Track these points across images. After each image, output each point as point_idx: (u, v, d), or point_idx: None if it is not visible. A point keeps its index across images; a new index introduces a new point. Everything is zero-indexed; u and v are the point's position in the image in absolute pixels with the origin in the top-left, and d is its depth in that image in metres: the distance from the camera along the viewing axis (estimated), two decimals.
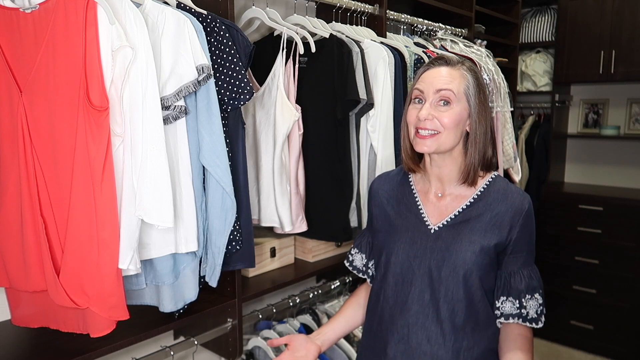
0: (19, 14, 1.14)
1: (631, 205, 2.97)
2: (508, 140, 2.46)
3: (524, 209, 1.14)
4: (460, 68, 1.14)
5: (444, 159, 1.16)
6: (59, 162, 1.15)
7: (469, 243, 1.12)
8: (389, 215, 1.24)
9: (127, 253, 1.13)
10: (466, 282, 1.11)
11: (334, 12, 1.89)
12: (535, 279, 1.15)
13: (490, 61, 2.40)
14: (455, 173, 1.17)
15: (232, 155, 1.37)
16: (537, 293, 1.14)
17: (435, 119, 1.10)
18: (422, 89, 1.13)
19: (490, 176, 1.20)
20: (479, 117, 1.12)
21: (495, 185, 1.18)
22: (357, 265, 1.35)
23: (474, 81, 1.13)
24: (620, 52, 3.06)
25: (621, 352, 3.03)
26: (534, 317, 1.13)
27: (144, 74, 1.11)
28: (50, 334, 1.28)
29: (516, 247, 1.13)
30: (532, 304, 1.13)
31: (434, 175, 1.20)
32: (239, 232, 1.40)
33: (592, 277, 3.12)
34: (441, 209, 1.18)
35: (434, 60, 1.16)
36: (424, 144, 1.12)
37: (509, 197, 1.15)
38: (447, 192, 1.19)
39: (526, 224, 1.14)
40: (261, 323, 1.82)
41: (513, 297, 1.13)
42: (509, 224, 1.13)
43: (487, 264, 1.12)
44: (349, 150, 1.73)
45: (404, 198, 1.24)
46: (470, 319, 1.12)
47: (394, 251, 1.18)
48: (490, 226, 1.13)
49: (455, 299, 1.11)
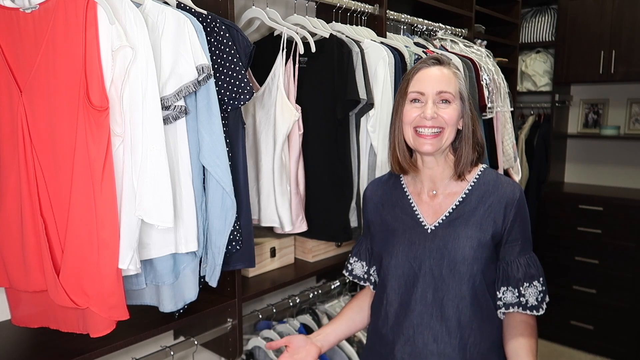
0: (19, 14, 1.14)
1: (631, 205, 2.97)
2: (508, 140, 2.46)
3: (516, 198, 1.16)
4: (451, 67, 1.18)
5: (436, 159, 1.19)
6: (59, 162, 1.15)
7: (466, 238, 1.13)
8: (386, 219, 1.25)
9: (127, 253, 1.13)
10: (468, 277, 1.12)
11: (334, 12, 1.89)
12: (533, 266, 1.16)
13: (490, 61, 2.40)
14: (447, 171, 1.20)
15: (232, 155, 1.37)
16: (535, 280, 1.14)
17: (439, 117, 1.14)
18: (422, 91, 1.15)
19: (479, 169, 1.21)
20: (470, 112, 1.18)
21: (485, 177, 1.20)
22: (357, 273, 1.35)
23: (462, 78, 1.19)
24: (620, 52, 3.06)
25: (621, 352, 3.03)
26: (534, 305, 1.13)
27: (144, 74, 1.11)
28: (50, 334, 1.28)
29: (511, 236, 1.15)
30: (531, 291, 1.14)
31: (426, 176, 1.22)
32: (239, 232, 1.40)
33: (592, 277, 3.12)
34: (435, 207, 1.19)
35: (426, 59, 1.19)
36: (428, 143, 1.14)
37: (500, 187, 1.17)
38: (439, 191, 1.21)
39: (519, 212, 1.16)
40: (261, 323, 1.81)
41: (512, 287, 1.15)
42: (502, 214, 1.14)
43: (486, 257, 1.13)
44: (349, 150, 1.73)
45: (398, 201, 1.25)
46: (475, 315, 1.13)
47: (393, 254, 1.19)
48: (484, 219, 1.14)
49: (459, 296, 1.12)
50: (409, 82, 1.18)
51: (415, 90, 1.16)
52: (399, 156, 1.22)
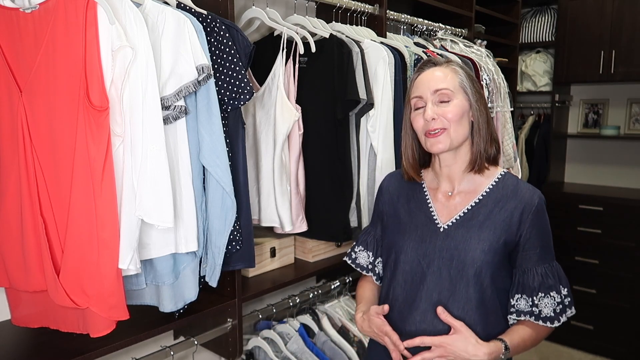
0: (19, 14, 1.14)
1: (631, 205, 2.97)
2: (508, 140, 2.46)
3: (534, 205, 1.13)
4: (449, 65, 1.17)
5: (453, 156, 1.18)
6: (59, 162, 1.15)
7: (478, 241, 1.12)
8: (399, 212, 1.25)
9: (127, 253, 1.13)
10: (476, 280, 1.11)
11: (334, 12, 1.89)
12: (552, 277, 1.13)
13: (490, 61, 2.40)
14: (465, 168, 1.19)
15: (232, 155, 1.37)
16: (553, 291, 1.11)
17: (440, 117, 1.13)
18: (421, 95, 1.16)
19: (500, 172, 1.20)
20: (478, 104, 1.16)
21: (505, 182, 1.18)
22: (360, 262, 1.35)
23: (465, 74, 1.17)
24: (620, 52, 3.06)
25: (621, 352, 3.03)
26: (550, 316, 1.10)
27: (144, 74, 1.11)
28: (50, 334, 1.28)
29: (528, 244, 1.13)
30: (547, 302, 1.10)
31: (444, 175, 1.21)
32: (239, 232, 1.40)
33: (592, 277, 3.12)
34: (450, 207, 1.19)
35: (422, 65, 1.20)
36: (438, 142, 1.14)
37: (519, 193, 1.15)
38: (456, 191, 1.20)
39: (537, 219, 1.13)
40: (261, 323, 1.82)
41: (526, 295, 1.12)
42: (518, 220, 1.12)
43: (497, 261, 1.12)
44: (349, 150, 1.73)
45: (414, 195, 1.25)
46: (481, 319, 1.12)
47: (403, 250, 1.19)
48: (499, 223, 1.13)
49: (465, 298, 1.11)
50: (410, 91, 1.20)
51: (414, 96, 1.17)
52: (405, 165, 1.24)
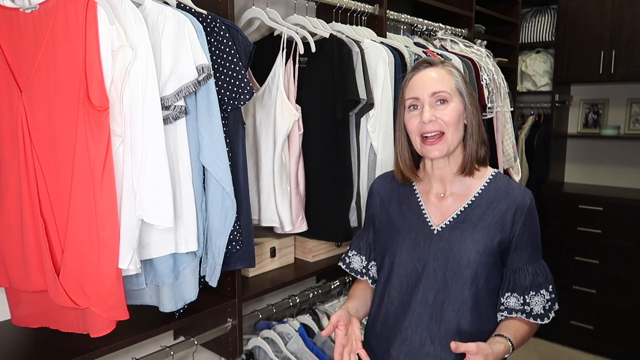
0: (19, 14, 1.14)
1: (631, 205, 2.97)
2: (508, 140, 2.46)
3: (526, 205, 1.14)
4: (445, 66, 1.16)
5: (446, 159, 1.17)
6: (59, 162, 1.15)
7: (472, 242, 1.12)
8: (391, 215, 1.24)
9: (127, 253, 1.13)
10: (471, 282, 1.11)
11: (334, 12, 1.89)
12: (541, 275, 1.14)
13: (490, 61, 2.40)
14: (457, 171, 1.18)
15: (232, 155, 1.37)
16: (543, 289, 1.13)
17: (438, 120, 1.12)
18: (417, 96, 1.14)
19: (491, 173, 1.20)
20: (472, 107, 1.16)
21: (497, 182, 1.18)
22: (354, 267, 1.34)
23: (460, 75, 1.16)
24: (620, 52, 3.06)
25: (621, 352, 3.03)
26: (540, 313, 1.12)
27: (144, 74, 1.11)
28: (50, 334, 1.28)
29: (520, 244, 1.13)
30: (537, 300, 1.12)
31: (436, 177, 1.20)
32: (239, 232, 1.40)
33: (592, 277, 3.12)
34: (443, 209, 1.18)
35: (418, 64, 1.18)
36: (435, 150, 1.13)
37: (511, 193, 1.15)
38: (448, 192, 1.19)
39: (528, 219, 1.14)
40: (261, 323, 1.81)
41: (517, 294, 1.13)
42: (511, 220, 1.13)
43: (491, 262, 1.12)
44: (349, 150, 1.73)
45: (406, 198, 1.24)
46: (475, 320, 1.12)
47: (397, 253, 1.18)
48: (493, 224, 1.13)
49: (460, 300, 1.11)
50: (404, 90, 1.18)
51: (410, 96, 1.16)
52: (401, 166, 1.22)
